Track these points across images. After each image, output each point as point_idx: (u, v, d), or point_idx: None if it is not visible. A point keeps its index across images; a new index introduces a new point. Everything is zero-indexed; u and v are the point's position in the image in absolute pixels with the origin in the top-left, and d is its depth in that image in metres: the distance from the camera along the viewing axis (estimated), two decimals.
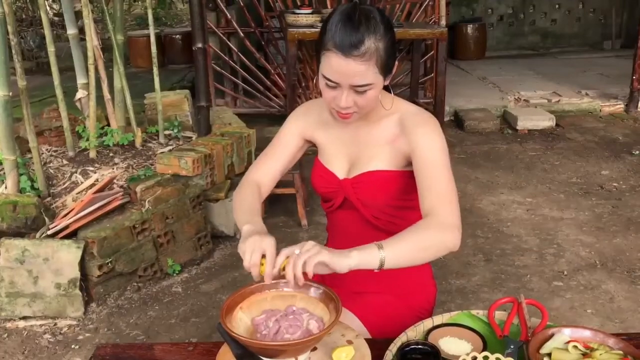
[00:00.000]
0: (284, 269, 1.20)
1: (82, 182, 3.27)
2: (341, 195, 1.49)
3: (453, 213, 1.27)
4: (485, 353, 1.15)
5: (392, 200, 1.45)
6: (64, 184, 3.29)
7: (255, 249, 1.23)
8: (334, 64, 1.30)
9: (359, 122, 1.45)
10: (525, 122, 5.52)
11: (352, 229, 1.51)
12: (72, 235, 2.84)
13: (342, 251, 1.17)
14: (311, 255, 1.15)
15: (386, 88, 1.44)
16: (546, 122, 5.55)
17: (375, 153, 1.44)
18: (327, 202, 1.56)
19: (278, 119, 5.23)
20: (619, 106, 6.05)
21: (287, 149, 1.55)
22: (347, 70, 1.29)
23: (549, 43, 9.48)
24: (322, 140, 1.54)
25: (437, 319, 1.33)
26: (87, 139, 3.53)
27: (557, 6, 9.42)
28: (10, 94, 2.96)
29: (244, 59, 5.39)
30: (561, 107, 6.05)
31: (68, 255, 2.73)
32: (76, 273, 2.73)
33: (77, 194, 3.16)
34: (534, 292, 2.90)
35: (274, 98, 5.46)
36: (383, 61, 1.31)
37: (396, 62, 1.38)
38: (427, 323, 1.32)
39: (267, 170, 1.54)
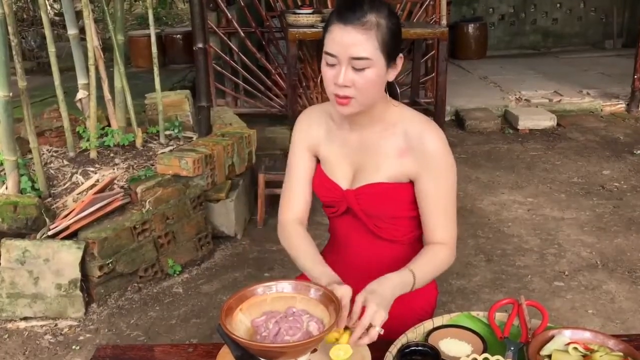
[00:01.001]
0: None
1: (82, 183, 3.27)
2: (344, 205, 1.48)
3: (455, 237, 1.45)
4: (486, 355, 1.15)
5: (395, 212, 1.45)
6: (64, 184, 3.29)
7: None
8: (334, 35, 1.29)
9: (366, 128, 1.43)
10: (526, 121, 5.52)
11: (354, 236, 1.52)
12: (73, 235, 2.84)
13: (393, 289, 1.28)
14: (380, 318, 1.20)
15: (392, 92, 1.42)
16: (547, 121, 5.55)
17: (381, 165, 1.42)
18: (329, 208, 1.55)
19: (279, 119, 5.24)
20: (620, 106, 6.04)
21: (305, 173, 1.52)
22: (347, 39, 1.27)
23: (550, 42, 9.47)
24: (324, 150, 1.50)
25: (437, 321, 1.33)
26: (88, 140, 3.53)
27: (558, 5, 9.41)
28: (11, 94, 2.96)
29: (245, 59, 5.39)
30: (562, 106, 6.04)
31: (69, 256, 2.73)
32: (77, 274, 2.74)
33: (77, 194, 3.16)
34: (535, 292, 2.89)
35: (275, 98, 5.46)
36: (385, 40, 1.28)
37: (401, 56, 1.36)
38: (427, 324, 1.32)
39: (298, 204, 1.53)
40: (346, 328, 1.24)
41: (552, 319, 2.64)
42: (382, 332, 1.20)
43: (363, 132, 1.44)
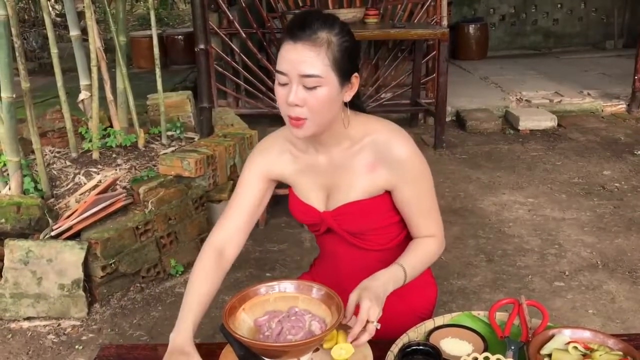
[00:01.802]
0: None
1: (85, 184, 3.28)
2: (324, 226, 1.45)
3: (440, 228, 1.46)
4: (486, 354, 1.16)
5: (376, 223, 1.43)
6: (67, 185, 3.31)
7: None
8: (285, 53, 1.26)
9: (332, 148, 1.38)
10: (527, 122, 5.53)
11: (341, 250, 1.50)
12: (76, 236, 2.85)
13: (385, 285, 1.29)
14: (375, 313, 1.21)
15: (357, 107, 1.39)
16: (548, 122, 5.55)
17: (354, 182, 1.38)
18: (311, 227, 1.52)
19: (280, 120, 5.19)
20: (621, 106, 6.04)
21: (249, 199, 1.45)
22: (296, 56, 1.23)
23: (551, 43, 9.47)
24: (291, 176, 1.45)
25: (439, 320, 1.34)
26: (90, 140, 3.54)
27: (559, 6, 9.42)
28: (14, 95, 2.97)
29: (246, 59, 5.40)
30: (563, 107, 6.05)
31: (71, 256, 2.74)
32: (80, 274, 2.75)
33: (80, 195, 3.17)
34: (536, 292, 2.90)
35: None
36: (336, 58, 1.25)
37: (356, 75, 1.31)
38: (429, 324, 1.33)
39: (230, 230, 1.44)
40: (341, 328, 1.25)
41: (553, 318, 2.65)
42: (378, 327, 1.20)
43: (330, 153, 1.40)
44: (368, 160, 1.37)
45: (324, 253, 1.60)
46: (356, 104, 1.39)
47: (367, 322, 1.19)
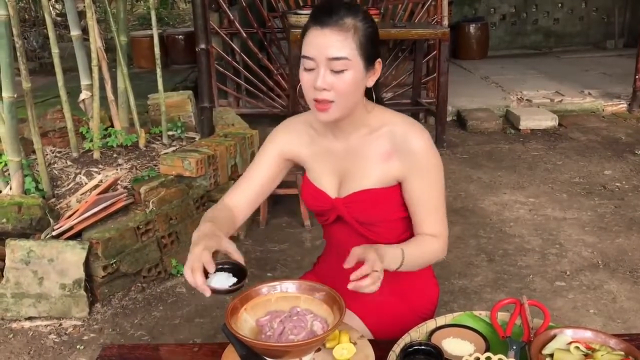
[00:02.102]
0: None
1: (86, 183, 3.28)
2: (334, 213, 1.47)
3: (447, 231, 1.45)
4: (488, 354, 1.16)
5: (387, 215, 1.44)
6: (68, 185, 3.31)
7: (194, 265, 1.19)
8: (311, 38, 1.29)
9: (350, 135, 1.41)
10: (528, 121, 5.53)
11: (348, 242, 1.48)
12: (77, 236, 2.86)
13: (385, 255, 1.27)
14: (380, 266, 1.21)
15: (372, 97, 1.42)
16: (549, 121, 5.56)
17: (367, 170, 1.41)
18: (321, 217, 1.54)
19: (281, 120, 5.20)
20: (621, 106, 6.04)
21: (264, 171, 1.50)
22: (324, 41, 1.27)
23: (552, 42, 9.47)
24: (308, 158, 1.49)
25: (440, 320, 1.34)
26: (91, 140, 3.54)
27: (559, 5, 9.41)
28: (15, 95, 2.97)
29: (247, 59, 5.40)
30: (564, 106, 6.05)
31: (73, 256, 2.75)
32: (81, 274, 2.75)
33: (81, 195, 3.17)
34: (537, 292, 2.90)
35: (277, 98, 5.47)
36: (362, 42, 1.29)
37: (379, 61, 1.37)
38: (430, 324, 1.33)
39: (242, 194, 1.49)
40: (343, 328, 1.25)
41: (554, 318, 2.65)
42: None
43: (347, 139, 1.42)
44: (384, 149, 1.40)
45: (330, 246, 1.61)
46: (374, 95, 1.43)
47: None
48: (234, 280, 1.23)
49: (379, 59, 1.37)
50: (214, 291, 1.19)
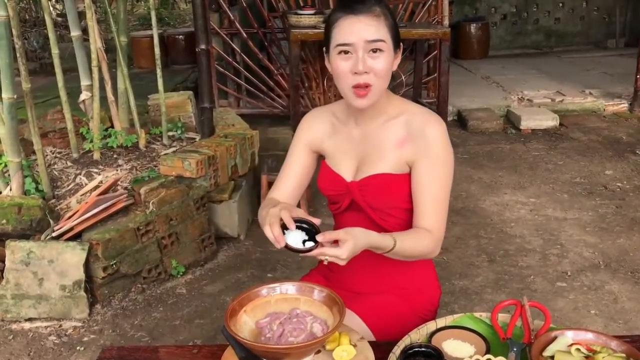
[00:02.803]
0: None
1: (86, 184, 3.28)
2: (348, 198, 1.50)
3: (443, 228, 1.44)
4: (488, 356, 1.16)
5: (399, 203, 1.46)
6: (68, 185, 3.30)
7: (272, 219, 1.27)
8: (346, 26, 1.36)
9: (369, 122, 1.47)
10: (529, 121, 5.52)
11: None
12: (77, 237, 2.85)
13: (369, 244, 1.29)
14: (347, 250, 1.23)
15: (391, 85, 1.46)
16: (549, 121, 5.55)
17: (383, 156, 1.45)
18: (334, 204, 1.57)
19: (281, 120, 5.24)
20: (622, 105, 6.03)
21: (298, 166, 1.58)
22: (360, 26, 1.35)
23: (553, 42, 9.46)
24: (329, 146, 1.55)
25: (440, 322, 1.34)
26: (91, 141, 3.54)
27: (560, 5, 9.40)
28: (15, 96, 2.97)
29: (247, 59, 5.40)
30: (565, 106, 6.04)
31: (73, 257, 2.74)
32: (81, 275, 2.75)
33: (81, 195, 3.17)
34: (538, 293, 2.90)
35: (277, 98, 5.46)
36: (392, 26, 1.38)
37: (401, 46, 1.43)
38: (431, 326, 1.33)
39: (283, 189, 1.57)
40: (343, 330, 1.25)
41: (555, 319, 2.65)
42: (326, 262, 1.25)
43: (367, 126, 1.48)
44: (400, 135, 1.45)
45: None
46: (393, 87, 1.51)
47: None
48: (308, 242, 1.26)
49: (401, 44, 1.44)
50: (289, 248, 1.24)
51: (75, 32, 3.55)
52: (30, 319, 2.76)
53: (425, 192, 1.42)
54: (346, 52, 1.36)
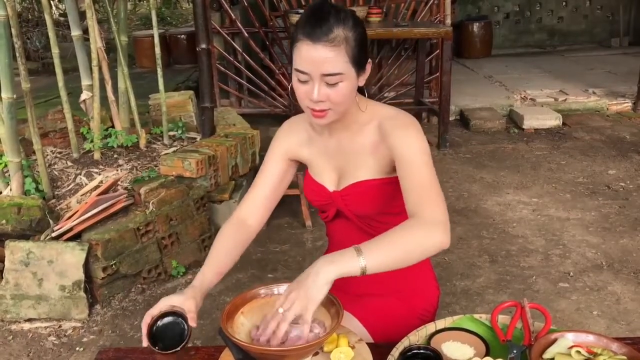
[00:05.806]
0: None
1: (86, 184, 3.28)
2: (334, 207, 1.51)
3: (438, 210, 1.25)
4: (488, 358, 1.15)
5: (383, 208, 1.45)
6: (68, 185, 3.30)
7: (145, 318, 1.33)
8: (303, 53, 1.28)
9: (341, 132, 1.45)
10: (532, 121, 5.49)
11: (349, 238, 1.49)
12: (77, 237, 2.85)
13: (319, 271, 1.16)
14: (290, 313, 1.15)
15: (361, 92, 1.43)
16: (552, 121, 5.52)
17: (361, 163, 1.44)
18: (322, 213, 1.58)
19: (282, 119, 5.19)
20: (626, 105, 6.00)
21: (272, 175, 1.54)
22: (317, 57, 1.27)
23: (556, 41, 9.42)
24: (308, 157, 1.52)
25: (440, 323, 1.33)
26: (92, 141, 3.53)
27: (564, 3, 9.37)
28: (15, 96, 2.97)
29: (249, 59, 5.39)
30: (568, 105, 6.01)
31: (72, 258, 2.74)
32: (80, 275, 2.74)
33: (81, 195, 3.16)
34: (540, 293, 2.88)
35: (279, 98, 5.46)
36: (354, 52, 1.29)
37: (369, 62, 1.37)
38: (430, 327, 1.31)
39: (253, 202, 1.52)
40: (341, 332, 1.24)
41: (557, 320, 2.64)
42: (281, 312, 1.16)
43: (340, 136, 1.46)
44: (373, 140, 1.42)
45: (332, 244, 1.62)
46: (360, 89, 1.42)
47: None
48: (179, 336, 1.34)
49: (369, 60, 1.37)
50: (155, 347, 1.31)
51: (75, 32, 3.55)
52: (29, 320, 2.75)
53: (408, 179, 1.31)
54: (304, 80, 1.31)
